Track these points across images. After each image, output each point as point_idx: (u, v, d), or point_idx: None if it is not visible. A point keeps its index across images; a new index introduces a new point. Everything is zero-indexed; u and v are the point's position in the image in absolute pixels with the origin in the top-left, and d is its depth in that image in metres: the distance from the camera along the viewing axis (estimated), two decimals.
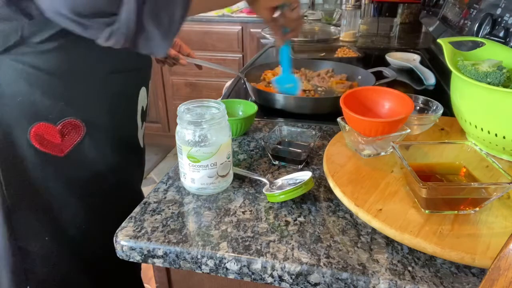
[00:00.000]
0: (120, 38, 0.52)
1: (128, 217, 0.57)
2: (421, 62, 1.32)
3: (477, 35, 0.84)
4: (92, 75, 0.66)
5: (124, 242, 0.52)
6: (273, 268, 0.48)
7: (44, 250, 0.70)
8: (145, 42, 0.54)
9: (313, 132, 0.74)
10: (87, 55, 0.64)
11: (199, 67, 1.13)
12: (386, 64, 1.32)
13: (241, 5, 2.69)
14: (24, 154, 0.64)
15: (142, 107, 0.80)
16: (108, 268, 0.79)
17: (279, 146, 0.71)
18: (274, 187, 0.61)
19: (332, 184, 0.57)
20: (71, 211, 0.70)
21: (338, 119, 0.66)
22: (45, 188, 0.67)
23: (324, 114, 0.89)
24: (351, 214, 0.56)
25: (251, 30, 2.40)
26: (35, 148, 0.64)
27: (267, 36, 1.71)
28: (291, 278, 0.48)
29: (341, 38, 1.73)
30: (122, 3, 0.50)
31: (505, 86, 0.60)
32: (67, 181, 0.68)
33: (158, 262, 0.52)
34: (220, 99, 0.94)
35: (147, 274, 1.67)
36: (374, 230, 0.53)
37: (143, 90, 0.78)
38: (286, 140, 0.75)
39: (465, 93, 0.64)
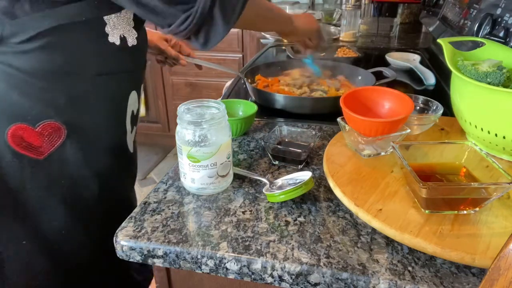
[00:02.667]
0: (192, 24, 0.59)
1: (128, 217, 0.57)
2: (421, 62, 1.32)
3: (477, 35, 0.84)
4: (76, 77, 0.63)
5: (124, 242, 0.52)
6: (273, 268, 0.48)
7: (22, 255, 0.68)
8: (208, 31, 0.61)
9: (313, 132, 0.74)
10: (71, 56, 0.62)
11: (199, 67, 1.13)
12: (386, 64, 1.32)
13: None
14: (0, 156, 0.62)
15: (133, 111, 0.77)
16: (92, 274, 0.77)
17: (279, 146, 0.71)
18: (274, 187, 0.61)
19: (332, 184, 0.57)
20: (51, 215, 0.68)
21: (338, 119, 0.66)
22: (22, 191, 0.65)
23: (324, 114, 0.89)
24: (351, 214, 0.56)
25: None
26: (12, 149, 0.62)
27: (267, 36, 1.71)
28: (291, 278, 0.48)
29: (341, 38, 1.74)
30: None
31: (505, 86, 0.60)
32: (47, 185, 0.66)
33: (158, 262, 0.52)
34: (220, 99, 0.94)
35: None
36: (374, 230, 0.53)
37: (133, 94, 0.76)
38: (286, 140, 0.75)
39: (465, 93, 0.64)
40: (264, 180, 0.63)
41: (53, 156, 0.65)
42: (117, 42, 0.65)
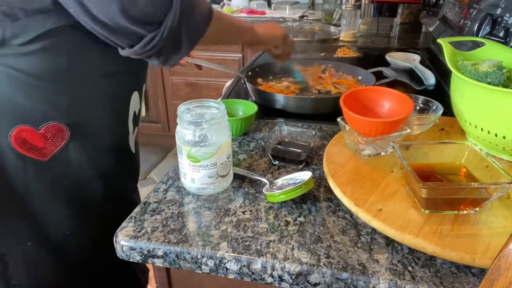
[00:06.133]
0: (159, 44, 0.56)
1: (128, 217, 0.57)
2: (421, 62, 1.32)
3: (477, 35, 0.84)
4: (79, 79, 0.63)
5: (124, 242, 0.52)
6: (273, 268, 0.48)
7: (27, 255, 0.68)
8: (171, 50, 0.58)
9: (313, 132, 0.74)
10: (74, 58, 0.62)
11: (199, 67, 1.13)
12: (386, 64, 1.32)
13: (241, 4, 2.69)
14: (5, 158, 0.62)
15: (135, 112, 0.77)
16: (97, 273, 0.78)
17: (279, 146, 0.71)
18: (274, 187, 0.61)
19: (332, 184, 0.57)
20: (55, 216, 0.68)
21: (338, 119, 0.66)
22: (27, 193, 0.65)
23: (324, 114, 0.89)
24: (351, 214, 0.56)
25: None
26: (16, 151, 0.62)
27: None
28: (291, 278, 0.48)
29: (341, 38, 1.74)
30: (170, 12, 0.54)
31: (505, 86, 0.60)
32: (51, 186, 0.66)
33: (158, 262, 0.52)
34: (220, 99, 0.94)
35: None
36: (374, 230, 0.53)
37: (135, 95, 0.76)
38: (286, 140, 0.75)
39: (465, 93, 0.64)
40: (264, 180, 0.63)
41: (57, 157, 0.65)
42: None
